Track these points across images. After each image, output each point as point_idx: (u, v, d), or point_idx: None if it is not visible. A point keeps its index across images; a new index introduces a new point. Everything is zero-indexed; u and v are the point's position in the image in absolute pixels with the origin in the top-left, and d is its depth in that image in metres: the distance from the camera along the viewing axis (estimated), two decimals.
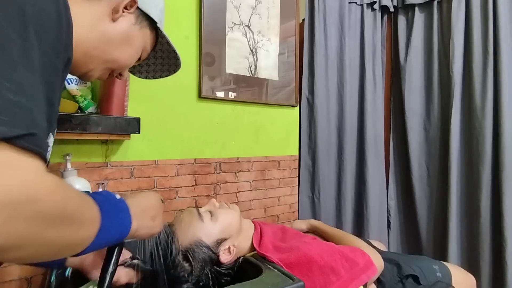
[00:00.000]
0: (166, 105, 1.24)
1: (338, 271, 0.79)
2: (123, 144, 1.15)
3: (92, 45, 0.54)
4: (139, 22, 0.60)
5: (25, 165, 0.30)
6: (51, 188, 0.32)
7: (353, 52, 1.75)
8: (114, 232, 0.45)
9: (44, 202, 0.31)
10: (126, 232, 0.49)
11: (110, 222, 0.43)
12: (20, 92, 0.31)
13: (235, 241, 0.86)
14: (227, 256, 0.84)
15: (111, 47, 0.56)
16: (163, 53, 0.73)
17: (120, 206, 0.49)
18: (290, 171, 1.63)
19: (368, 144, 1.72)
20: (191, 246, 0.80)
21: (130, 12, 0.57)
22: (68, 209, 0.34)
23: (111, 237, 0.45)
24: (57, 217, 0.32)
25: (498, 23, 1.48)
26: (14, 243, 0.29)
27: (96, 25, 0.54)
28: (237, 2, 1.40)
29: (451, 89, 1.60)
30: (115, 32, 0.56)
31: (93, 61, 0.56)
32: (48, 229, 0.32)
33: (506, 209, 1.43)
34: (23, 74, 0.31)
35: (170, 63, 0.76)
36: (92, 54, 0.54)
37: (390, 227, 1.82)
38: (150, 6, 0.61)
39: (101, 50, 0.55)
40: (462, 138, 1.61)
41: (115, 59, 0.58)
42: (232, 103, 1.42)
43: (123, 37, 0.57)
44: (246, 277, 0.76)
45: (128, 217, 0.49)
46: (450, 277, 1.05)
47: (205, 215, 0.85)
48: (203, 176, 1.34)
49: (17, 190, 0.28)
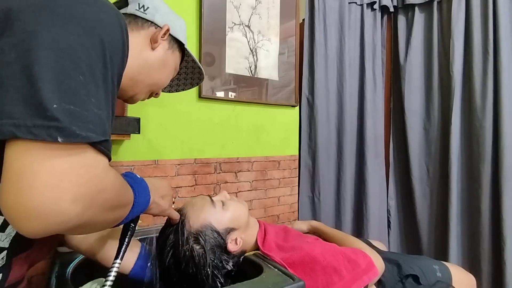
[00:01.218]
0: (166, 105, 1.24)
1: (340, 271, 0.79)
2: (123, 144, 1.15)
3: (137, 72, 0.62)
4: (171, 46, 0.68)
5: (100, 165, 0.38)
6: (113, 181, 0.40)
7: (353, 52, 1.75)
8: (140, 207, 0.53)
9: (109, 191, 0.39)
10: (146, 206, 0.57)
11: (139, 200, 0.52)
12: (101, 107, 0.38)
13: (242, 234, 0.87)
14: (234, 246, 0.84)
15: (153, 72, 0.65)
16: (188, 69, 0.82)
17: (143, 185, 0.56)
18: (290, 171, 1.63)
19: (368, 144, 1.72)
20: (202, 229, 0.80)
21: (164, 39, 0.66)
22: (121, 195, 0.44)
23: (137, 211, 0.53)
24: (114, 201, 0.42)
25: (498, 23, 1.48)
26: (86, 222, 0.37)
27: (139, 54, 0.62)
28: (237, 2, 1.40)
29: (451, 89, 1.60)
30: (155, 58, 0.65)
31: (138, 85, 0.64)
32: (109, 212, 0.41)
33: (506, 209, 1.43)
34: (102, 92, 0.38)
35: (194, 77, 0.86)
36: (137, 79, 0.63)
37: (390, 227, 1.82)
38: (177, 31, 0.69)
39: (145, 75, 0.64)
40: (462, 138, 1.61)
41: (156, 82, 0.67)
42: (232, 103, 1.42)
43: (161, 62, 0.66)
44: (246, 276, 0.76)
45: (148, 194, 0.57)
46: (450, 277, 1.05)
47: (218, 203, 0.87)
48: (203, 176, 1.34)
49: (94, 184, 0.36)
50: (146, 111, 1.17)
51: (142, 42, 0.63)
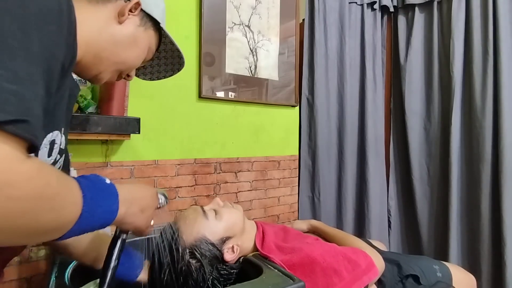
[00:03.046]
0: (166, 105, 1.24)
1: (340, 272, 0.79)
2: (123, 144, 1.15)
3: (102, 48, 0.56)
4: (144, 23, 0.62)
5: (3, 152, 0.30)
6: (29, 174, 0.32)
7: (353, 52, 1.75)
8: (98, 217, 0.44)
9: (20, 188, 0.31)
10: (112, 218, 0.47)
11: (93, 207, 0.42)
12: (16, 81, 0.31)
13: (239, 241, 0.86)
14: (231, 255, 0.83)
15: (120, 49, 0.59)
16: (167, 53, 0.76)
17: (108, 190, 0.47)
18: (290, 171, 1.63)
19: (369, 144, 1.72)
20: (196, 243, 0.79)
21: (135, 14, 0.60)
22: (47, 194, 0.34)
23: (95, 222, 0.43)
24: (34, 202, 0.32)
25: (498, 23, 1.48)
26: None
27: (104, 28, 0.56)
28: (237, 2, 1.40)
29: (451, 89, 1.60)
30: (123, 34, 0.58)
31: (103, 63, 0.58)
32: (24, 215, 0.32)
33: (506, 209, 1.43)
34: (20, 63, 0.32)
35: (174, 62, 0.78)
36: (101, 56, 0.57)
37: (391, 227, 1.82)
38: (152, 7, 0.63)
39: (110, 52, 0.57)
40: (462, 138, 1.61)
41: (124, 60, 0.61)
42: (232, 103, 1.41)
43: (130, 38, 0.60)
44: (246, 277, 0.76)
45: (116, 203, 0.47)
46: (450, 277, 1.05)
47: (210, 213, 0.85)
48: (203, 176, 1.33)
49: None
50: (146, 111, 1.17)
51: (108, 15, 0.57)
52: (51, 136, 0.46)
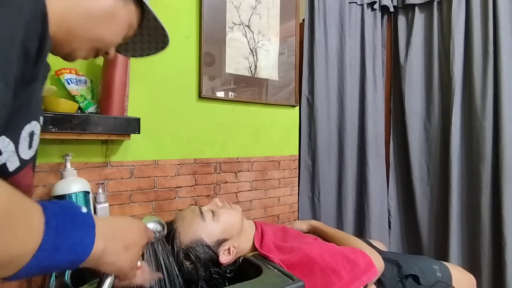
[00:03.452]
0: (166, 105, 1.24)
1: (339, 272, 0.79)
2: (123, 144, 1.15)
3: (75, 23, 0.51)
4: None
5: None
6: None
7: (353, 52, 1.75)
8: (65, 251, 0.35)
9: None
10: (85, 254, 0.38)
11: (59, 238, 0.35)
12: None
13: (236, 242, 0.86)
14: (227, 257, 0.83)
15: (95, 24, 0.53)
16: (150, 29, 0.69)
17: (82, 220, 0.39)
18: (290, 171, 1.63)
19: (369, 144, 1.72)
20: (192, 245, 0.79)
21: None
22: None
23: (61, 258, 0.35)
24: None
25: (498, 23, 1.48)
26: None
27: (78, 2, 0.51)
28: (237, 2, 1.40)
29: (451, 89, 1.60)
30: (99, 8, 0.53)
31: (77, 40, 0.52)
32: None
33: (506, 209, 1.43)
34: None
35: (158, 40, 0.72)
36: (75, 33, 0.51)
37: (391, 227, 1.82)
38: None
39: (85, 28, 0.52)
40: (462, 138, 1.61)
41: (100, 37, 0.55)
42: (232, 103, 1.42)
43: (107, 13, 0.54)
44: (246, 277, 0.76)
45: (91, 236, 0.39)
46: (450, 277, 1.05)
47: (207, 214, 0.85)
48: (203, 176, 1.34)
49: None
50: (146, 111, 1.17)
51: None
52: (29, 127, 0.43)
